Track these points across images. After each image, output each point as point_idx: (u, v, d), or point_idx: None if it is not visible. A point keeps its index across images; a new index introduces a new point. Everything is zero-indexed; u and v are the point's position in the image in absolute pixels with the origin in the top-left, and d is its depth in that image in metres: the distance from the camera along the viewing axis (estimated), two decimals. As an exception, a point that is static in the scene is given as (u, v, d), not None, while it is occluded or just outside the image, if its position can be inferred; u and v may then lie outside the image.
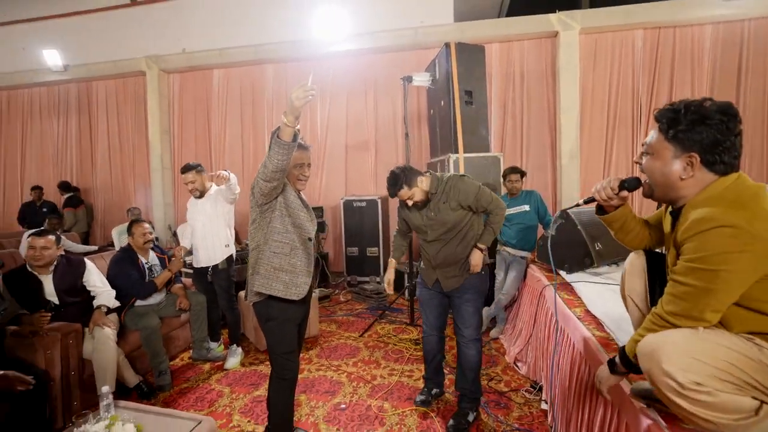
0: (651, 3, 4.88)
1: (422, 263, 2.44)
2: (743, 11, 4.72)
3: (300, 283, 1.92)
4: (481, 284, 2.31)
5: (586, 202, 1.44)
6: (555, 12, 5.07)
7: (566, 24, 5.04)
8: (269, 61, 6.05)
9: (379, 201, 5.12)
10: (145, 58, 6.30)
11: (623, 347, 1.22)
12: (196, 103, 6.47)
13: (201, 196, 3.24)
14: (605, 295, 2.31)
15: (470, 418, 2.33)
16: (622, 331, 1.76)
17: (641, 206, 4.97)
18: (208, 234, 3.20)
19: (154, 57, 6.28)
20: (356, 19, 5.57)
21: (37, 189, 6.38)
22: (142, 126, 6.58)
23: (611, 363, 1.26)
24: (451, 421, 2.31)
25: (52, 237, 2.64)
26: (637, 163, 1.28)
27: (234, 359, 3.24)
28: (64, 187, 6.46)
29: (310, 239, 1.96)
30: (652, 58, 5.04)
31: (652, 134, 1.18)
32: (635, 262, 1.49)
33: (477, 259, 2.22)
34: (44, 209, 6.19)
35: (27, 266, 2.61)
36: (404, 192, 2.21)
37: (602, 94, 5.18)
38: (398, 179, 2.20)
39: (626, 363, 1.19)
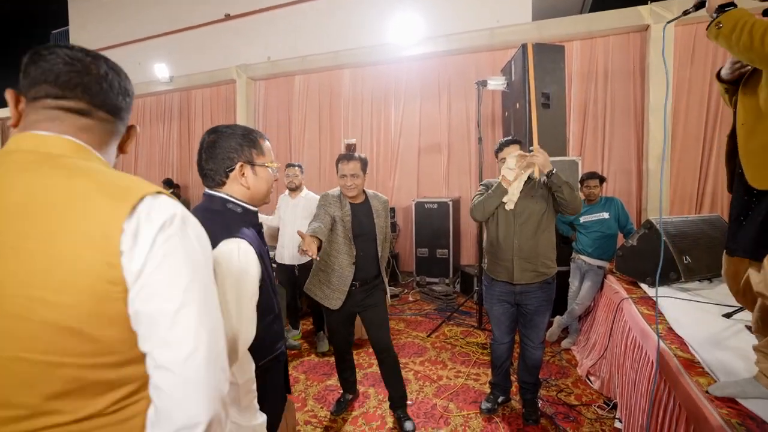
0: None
1: (492, 259, 2.40)
2: None
3: (334, 297, 2.29)
4: (551, 294, 2.34)
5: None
6: (646, 3, 4.71)
7: (660, 16, 4.65)
8: (346, 65, 6.32)
9: (451, 203, 5.14)
10: (235, 67, 6.90)
11: None
12: (278, 107, 6.96)
13: (296, 189, 3.55)
14: (692, 314, 2.16)
15: (539, 404, 2.57)
16: (709, 354, 1.65)
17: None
18: (296, 237, 3.46)
19: (243, 66, 6.86)
20: (431, 22, 5.63)
21: (148, 186, 7.27)
22: (232, 129, 7.23)
23: None
24: (524, 412, 2.51)
25: None
26: None
27: (323, 342, 3.57)
28: (167, 184, 7.31)
29: (339, 267, 2.28)
30: None
31: None
32: None
33: (544, 155, 2.13)
34: (151, 203, 7.06)
35: None
36: (516, 148, 2.28)
37: (700, 92, 4.71)
38: (516, 138, 2.34)
39: None
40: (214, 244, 1.00)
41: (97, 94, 0.72)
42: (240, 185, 1.16)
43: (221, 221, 1.09)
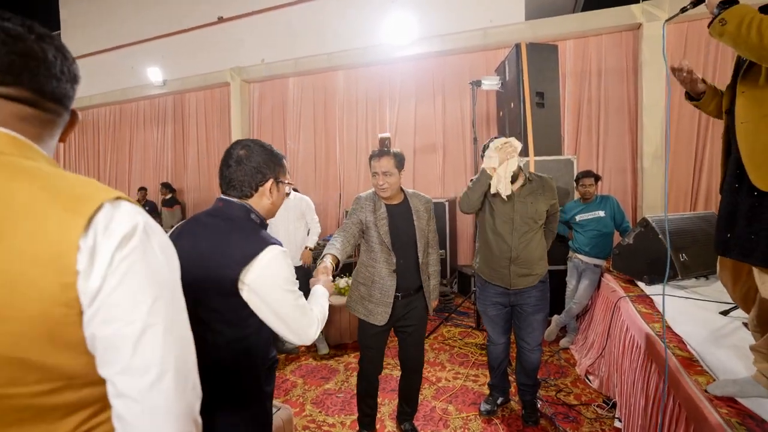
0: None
1: (486, 262, 2.36)
2: None
3: (379, 312, 2.09)
4: (546, 293, 2.34)
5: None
6: (638, 2, 4.73)
7: (652, 14, 4.67)
8: (340, 67, 6.30)
9: (447, 204, 5.13)
10: (229, 70, 6.87)
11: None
12: (273, 109, 6.93)
13: (289, 192, 3.51)
14: (689, 312, 2.16)
15: (538, 405, 2.55)
16: (707, 352, 1.64)
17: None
18: (291, 239, 3.45)
19: (237, 69, 6.83)
20: (424, 23, 5.62)
21: (143, 190, 7.25)
22: (226, 132, 7.18)
23: None
24: (524, 413, 2.50)
25: None
26: None
27: (322, 344, 3.58)
28: (166, 187, 7.26)
29: (380, 278, 2.08)
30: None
31: None
32: None
33: None
34: (146, 208, 7.01)
35: None
36: (514, 142, 2.20)
37: (693, 89, 4.72)
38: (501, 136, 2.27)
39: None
40: (248, 250, 1.06)
41: (46, 82, 0.60)
42: (266, 199, 1.20)
43: (250, 228, 1.13)
